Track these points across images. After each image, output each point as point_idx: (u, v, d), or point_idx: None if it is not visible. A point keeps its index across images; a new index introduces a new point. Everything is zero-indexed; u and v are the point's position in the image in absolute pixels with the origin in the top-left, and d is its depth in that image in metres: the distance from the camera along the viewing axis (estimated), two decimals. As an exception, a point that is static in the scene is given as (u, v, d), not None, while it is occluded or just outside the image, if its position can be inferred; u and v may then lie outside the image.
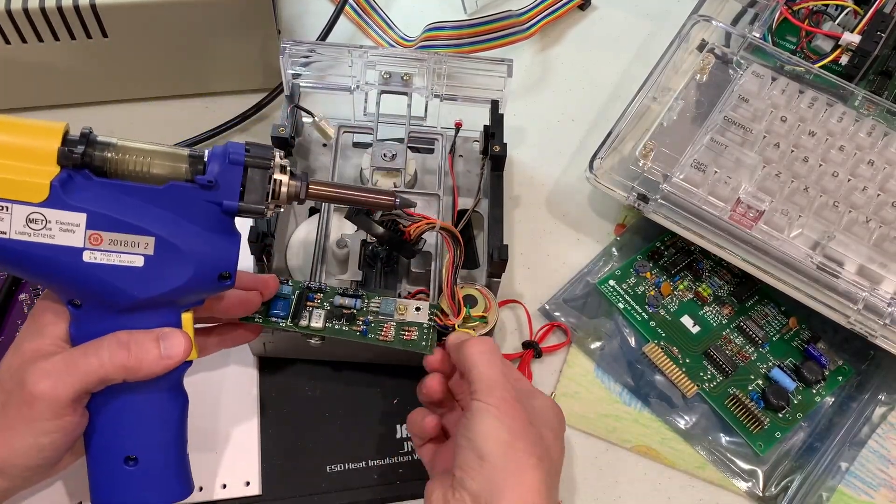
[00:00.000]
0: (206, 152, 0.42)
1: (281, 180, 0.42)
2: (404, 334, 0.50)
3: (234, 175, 0.41)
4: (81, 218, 0.39)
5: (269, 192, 0.42)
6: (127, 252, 0.40)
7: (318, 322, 0.49)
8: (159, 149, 0.41)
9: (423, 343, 0.50)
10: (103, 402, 0.42)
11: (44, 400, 0.39)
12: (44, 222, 0.39)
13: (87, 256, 0.39)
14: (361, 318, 0.50)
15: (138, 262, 0.40)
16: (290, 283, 0.50)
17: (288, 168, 0.43)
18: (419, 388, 0.50)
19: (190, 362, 0.43)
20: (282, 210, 0.44)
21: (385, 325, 0.50)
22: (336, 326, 0.50)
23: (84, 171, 0.40)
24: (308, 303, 0.50)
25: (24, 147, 0.38)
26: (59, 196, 0.39)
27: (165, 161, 0.41)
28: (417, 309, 0.50)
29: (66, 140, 0.39)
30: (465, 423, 0.43)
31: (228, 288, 0.43)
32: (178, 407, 0.44)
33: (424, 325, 0.50)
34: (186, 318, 0.43)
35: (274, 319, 0.49)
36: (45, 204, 0.38)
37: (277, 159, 0.42)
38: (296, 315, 0.49)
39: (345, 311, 0.50)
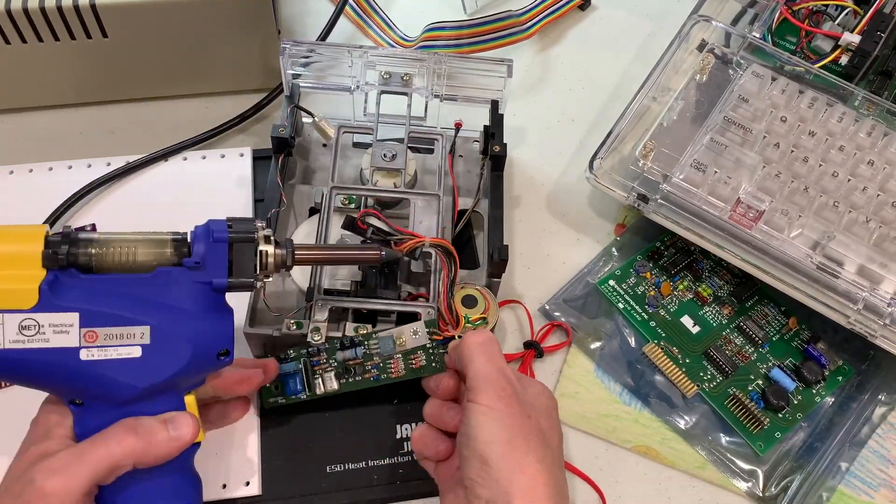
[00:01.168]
0: (189, 233, 0.42)
1: (266, 251, 0.43)
2: (413, 363, 0.50)
3: (220, 253, 0.41)
4: (74, 318, 0.39)
5: (257, 265, 0.42)
6: (123, 345, 0.39)
7: (332, 384, 0.51)
8: (142, 237, 0.41)
9: (434, 364, 0.50)
10: (114, 493, 0.40)
11: (56, 496, 0.37)
12: (37, 328, 0.38)
13: (84, 355, 0.39)
14: (369, 364, 0.51)
15: (136, 352, 0.40)
16: (289, 357, 0.51)
17: (272, 238, 0.43)
18: (427, 405, 0.49)
19: (198, 444, 0.42)
20: (271, 279, 0.44)
21: (392, 362, 0.51)
22: (350, 381, 0.51)
23: (70, 271, 0.39)
24: (315, 368, 0.51)
25: (7, 254, 0.38)
26: (48, 299, 0.38)
27: (149, 248, 0.41)
28: (415, 333, 0.51)
29: (48, 242, 0.39)
30: (465, 430, 0.43)
31: (228, 364, 0.43)
32: (192, 490, 0.42)
33: (428, 347, 0.50)
34: (189, 400, 0.42)
35: (294, 397, 0.51)
36: (35, 309, 0.38)
37: (260, 231, 0.43)
38: (311, 386, 0.51)
39: (350, 363, 0.51)
